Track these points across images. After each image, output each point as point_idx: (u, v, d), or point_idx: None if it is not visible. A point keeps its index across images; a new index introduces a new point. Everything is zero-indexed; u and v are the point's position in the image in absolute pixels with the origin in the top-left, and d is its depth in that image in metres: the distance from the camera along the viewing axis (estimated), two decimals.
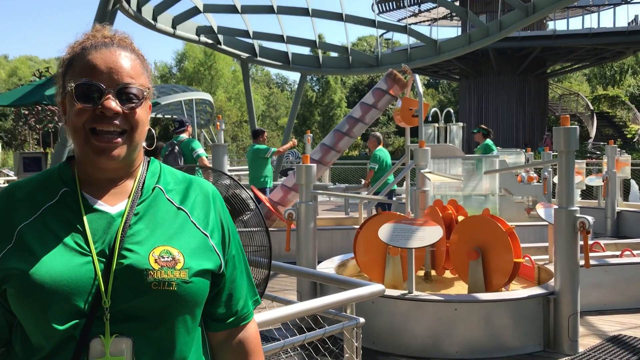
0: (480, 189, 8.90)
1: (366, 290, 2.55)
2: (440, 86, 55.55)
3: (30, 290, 1.15)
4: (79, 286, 1.15)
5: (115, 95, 1.22)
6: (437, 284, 5.95)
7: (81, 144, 1.23)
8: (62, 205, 1.24)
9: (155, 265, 1.18)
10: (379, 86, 8.09)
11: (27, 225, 1.22)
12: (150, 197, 1.29)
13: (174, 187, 1.34)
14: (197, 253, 1.26)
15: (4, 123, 39.45)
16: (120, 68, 1.24)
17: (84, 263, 1.18)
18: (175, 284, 1.19)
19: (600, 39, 24.86)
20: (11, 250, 1.19)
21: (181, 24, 11.70)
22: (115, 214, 1.24)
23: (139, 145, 1.29)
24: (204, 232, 1.30)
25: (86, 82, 1.21)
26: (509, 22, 11.58)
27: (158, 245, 1.22)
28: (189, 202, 1.33)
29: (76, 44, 1.29)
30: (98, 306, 1.16)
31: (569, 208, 4.52)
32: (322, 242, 8.06)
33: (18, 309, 1.19)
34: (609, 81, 45.53)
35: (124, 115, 1.23)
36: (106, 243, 1.20)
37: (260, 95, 55.04)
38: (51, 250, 1.18)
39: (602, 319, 5.53)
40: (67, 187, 1.26)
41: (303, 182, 5.39)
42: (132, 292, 1.17)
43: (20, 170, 8.89)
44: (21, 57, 61.03)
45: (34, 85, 9.71)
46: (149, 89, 1.30)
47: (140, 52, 1.33)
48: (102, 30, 1.31)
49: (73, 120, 1.22)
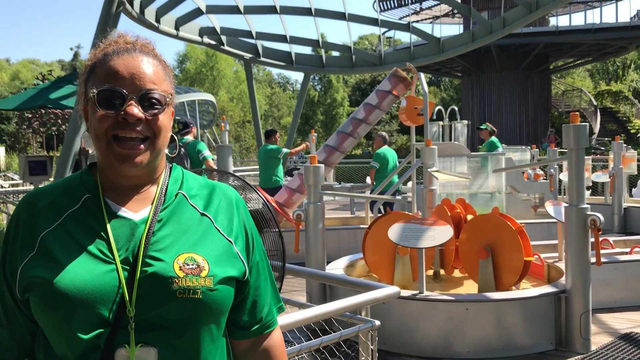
0: (486, 187, 8.87)
1: (381, 292, 2.54)
2: (442, 84, 55.45)
3: (54, 299, 1.13)
4: (103, 295, 1.14)
5: (137, 101, 1.21)
6: (447, 284, 5.93)
7: (103, 151, 1.21)
8: (85, 211, 1.23)
9: (180, 272, 1.17)
10: (382, 87, 8.06)
11: (50, 233, 1.20)
12: (174, 203, 1.28)
13: (197, 192, 1.33)
14: (221, 260, 1.24)
15: (7, 126, 39.53)
16: (142, 74, 1.22)
17: (108, 271, 1.16)
18: (200, 291, 1.17)
19: (602, 35, 24.77)
20: (34, 258, 1.18)
21: (184, 25, 11.69)
22: (138, 221, 1.23)
23: (161, 152, 1.27)
24: (228, 239, 1.28)
25: (108, 88, 1.20)
26: (513, 19, 11.55)
27: (182, 252, 1.20)
28: (213, 207, 1.31)
29: (98, 50, 1.28)
30: (122, 315, 1.14)
31: (579, 206, 4.50)
32: (329, 242, 8.02)
33: (41, 318, 1.18)
34: (611, 76, 45.38)
35: (147, 122, 1.22)
36: (130, 250, 1.19)
37: (263, 95, 55.02)
38: (75, 258, 1.16)
39: (614, 316, 5.51)
40: (89, 193, 1.25)
41: (311, 183, 5.37)
42: (156, 300, 1.16)
43: (25, 174, 8.88)
44: (23, 61, 61.13)
45: (38, 89, 9.72)
46: (172, 94, 1.28)
47: (162, 58, 1.31)
48: (124, 36, 1.30)
49: (95, 126, 1.21)
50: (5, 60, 61.68)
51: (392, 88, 7.87)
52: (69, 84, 9.52)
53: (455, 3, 14.94)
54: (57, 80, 9.99)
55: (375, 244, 5.65)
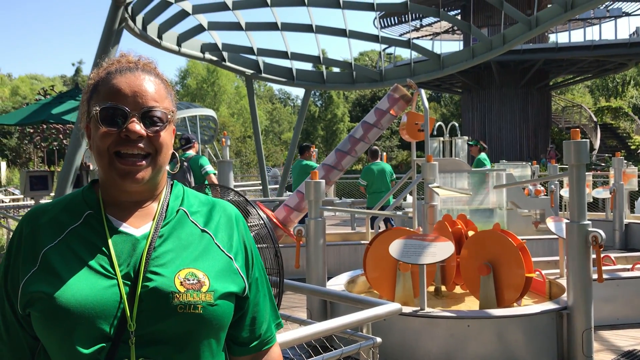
0: (487, 203, 8.86)
1: (383, 309, 2.53)
2: (442, 100, 55.63)
3: (55, 314, 1.14)
4: (104, 310, 1.15)
5: (139, 118, 1.23)
6: (448, 300, 5.90)
7: (105, 167, 1.23)
8: (87, 227, 1.24)
9: (181, 287, 1.18)
10: (380, 105, 8.08)
11: (52, 248, 1.21)
12: (175, 219, 1.29)
13: (197, 209, 1.34)
14: (222, 275, 1.25)
15: (9, 141, 39.63)
16: (144, 92, 1.25)
17: (109, 286, 1.17)
18: (201, 306, 1.18)
19: (602, 51, 24.91)
20: (36, 274, 1.19)
21: (186, 41, 11.76)
22: (140, 236, 1.24)
23: (162, 168, 1.29)
24: (228, 255, 1.30)
25: (111, 105, 1.22)
26: (512, 36, 11.62)
27: (183, 268, 1.21)
28: (213, 224, 1.33)
29: (101, 69, 1.30)
30: (123, 329, 1.15)
31: (580, 222, 4.49)
32: (329, 258, 8.01)
33: (43, 333, 1.18)
34: (611, 93, 45.53)
35: (148, 139, 1.24)
36: (131, 266, 1.20)
37: (264, 110, 55.20)
38: (76, 273, 1.17)
39: (616, 333, 5.48)
40: (91, 209, 1.26)
41: (312, 198, 5.37)
42: (157, 315, 1.16)
43: (27, 189, 8.89)
44: (22, 77, 61.34)
45: (40, 104, 9.75)
46: (173, 112, 1.30)
47: (164, 76, 1.34)
48: (126, 55, 1.32)
49: (98, 143, 1.23)
50: (7, 76, 61.97)
51: (390, 107, 7.89)
52: (71, 99, 9.56)
53: (455, 20, 15.05)
54: (59, 96, 10.03)
55: (376, 260, 5.64)
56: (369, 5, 12.41)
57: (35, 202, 9.14)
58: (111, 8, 7.82)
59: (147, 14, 9.82)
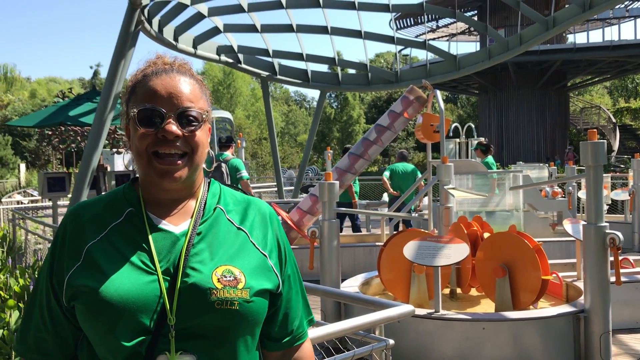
0: (504, 205, 8.79)
1: (395, 311, 2.50)
2: (459, 101, 55.35)
3: (99, 307, 1.19)
4: (145, 304, 1.20)
5: (175, 118, 1.27)
6: (464, 302, 5.86)
7: (144, 167, 1.28)
8: (128, 224, 1.29)
9: (218, 284, 1.22)
10: (394, 108, 8.05)
11: (95, 244, 1.27)
12: (212, 217, 1.34)
13: (233, 207, 1.39)
14: (257, 273, 1.30)
15: (28, 143, 40.17)
16: (180, 93, 1.29)
17: (150, 281, 1.22)
18: (237, 303, 1.22)
19: (621, 52, 24.62)
20: (80, 268, 1.25)
21: (202, 44, 11.81)
22: (179, 234, 1.29)
23: (199, 167, 1.33)
24: (262, 252, 1.34)
25: (148, 107, 1.27)
26: (529, 36, 11.50)
27: (220, 265, 1.26)
28: (248, 222, 1.37)
29: (138, 72, 1.35)
30: (163, 323, 1.20)
31: (598, 224, 4.43)
32: (344, 260, 8.00)
33: (86, 325, 1.23)
34: (630, 93, 44.99)
35: (185, 138, 1.27)
36: (170, 262, 1.25)
37: (279, 112, 55.31)
38: (119, 268, 1.23)
39: (635, 337, 5.39)
40: (132, 207, 1.32)
41: (326, 200, 5.36)
42: (196, 310, 1.21)
43: (44, 191, 8.96)
44: (40, 79, 62.06)
45: (58, 107, 9.86)
46: (208, 112, 1.34)
47: (199, 77, 1.38)
48: (162, 57, 1.37)
49: (136, 144, 1.28)
50: (26, 79, 62.75)
51: (404, 110, 7.86)
52: (88, 101, 9.66)
53: (471, 21, 14.94)
54: (77, 98, 10.13)
55: (390, 261, 5.61)
56: (384, 7, 12.37)
57: (53, 203, 9.21)
58: (127, 11, 7.88)
59: (163, 17, 9.88)
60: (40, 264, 6.81)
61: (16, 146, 41.03)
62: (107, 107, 7.72)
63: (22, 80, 57.39)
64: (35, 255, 7.70)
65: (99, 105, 7.85)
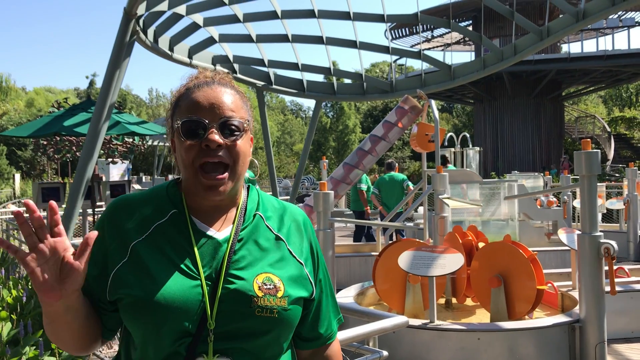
0: (499, 214, 8.80)
1: (389, 322, 2.50)
2: (454, 110, 55.52)
3: (145, 308, 1.24)
4: (188, 308, 1.24)
5: (218, 128, 1.30)
6: (459, 312, 5.84)
7: (191, 179, 1.32)
8: (172, 226, 1.33)
9: (259, 292, 1.27)
10: (388, 118, 8.07)
11: (140, 243, 1.31)
12: (252, 223, 1.39)
13: (271, 214, 1.44)
14: (295, 281, 1.35)
15: (24, 153, 40.07)
16: (221, 103, 1.33)
17: (194, 286, 1.26)
18: (277, 311, 1.28)
19: (615, 61, 24.76)
20: (127, 265, 1.29)
21: (197, 53, 11.82)
22: (221, 240, 1.34)
23: (242, 177, 1.37)
24: (299, 261, 1.40)
25: (191, 119, 1.30)
26: (524, 46, 11.56)
27: (261, 272, 1.31)
28: (285, 229, 1.42)
29: (181, 87, 1.39)
30: (203, 327, 1.24)
31: (592, 233, 4.43)
32: (340, 270, 7.99)
33: (131, 323, 1.28)
34: (625, 103, 45.22)
35: (227, 148, 1.32)
36: (213, 267, 1.29)
37: (275, 121, 55.36)
38: (165, 271, 1.27)
39: (630, 347, 5.39)
40: (175, 208, 1.36)
41: (321, 209, 5.35)
42: (236, 316, 1.26)
43: (39, 201, 8.94)
44: (37, 89, 61.94)
45: (53, 117, 9.81)
46: (249, 121, 1.39)
47: (239, 89, 1.43)
48: (204, 72, 1.42)
49: (183, 156, 1.32)
50: (22, 89, 62.64)
51: (398, 120, 7.88)
52: (83, 111, 9.61)
53: (465, 31, 15.03)
54: (71, 108, 10.09)
55: (385, 271, 5.60)
56: (379, 17, 12.42)
57: (48, 213, 9.18)
58: (122, 21, 7.87)
59: (158, 27, 9.89)
60: None
61: (11, 156, 40.92)
62: (102, 117, 7.70)
63: (17, 90, 57.28)
64: None
65: (93, 115, 7.82)
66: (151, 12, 8.81)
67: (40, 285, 1.16)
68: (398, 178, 10.14)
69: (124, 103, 49.67)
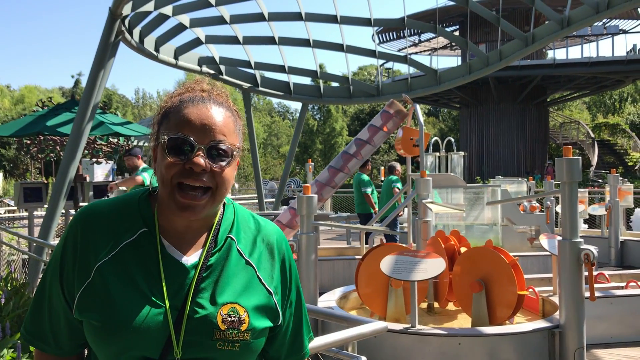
0: (482, 219, 8.84)
1: (368, 328, 2.49)
2: (440, 114, 55.78)
3: (106, 335, 1.22)
4: (151, 336, 1.21)
5: (205, 151, 1.25)
6: (441, 317, 5.86)
7: (166, 196, 1.26)
8: (140, 247, 1.29)
9: (222, 325, 1.24)
10: (374, 122, 8.08)
11: (106, 263, 1.26)
12: (223, 248, 1.33)
13: (244, 236, 1.38)
14: (261, 311, 1.31)
15: (7, 152, 39.65)
16: (213, 125, 1.26)
17: (157, 314, 1.23)
18: (238, 345, 1.25)
19: (599, 68, 25.01)
20: (90, 287, 1.26)
21: (183, 54, 11.77)
22: (189, 265, 1.29)
23: (221, 202, 1.32)
24: (268, 289, 1.35)
25: (179, 136, 1.24)
26: (509, 52, 11.65)
27: (227, 303, 1.27)
28: (256, 254, 1.37)
29: (175, 95, 1.33)
30: (167, 354, 1.22)
31: (572, 240, 4.47)
32: (323, 273, 7.98)
33: (93, 345, 1.26)
34: (609, 109, 45.69)
35: (212, 173, 1.26)
36: (179, 295, 1.25)
37: (262, 123, 55.28)
38: (129, 296, 1.23)
39: (609, 352, 5.43)
40: (146, 227, 1.30)
41: (304, 213, 5.34)
42: (199, 346, 1.24)
43: (20, 201, 8.85)
44: (29, 86, 61.33)
45: (36, 116, 9.72)
46: (239, 148, 1.32)
47: (235, 108, 1.36)
48: (201, 83, 1.35)
49: (162, 171, 1.26)
50: (6, 87, 61.98)
51: (383, 124, 7.90)
52: (67, 111, 9.53)
53: (451, 36, 15.10)
54: (55, 108, 9.99)
55: (368, 275, 5.60)
56: (366, 21, 12.45)
57: (29, 213, 9.09)
58: (107, 21, 7.82)
59: (144, 27, 9.83)
60: (14, 275, 6.69)
61: None
62: (86, 117, 7.64)
63: (2, 89, 56.70)
64: (9, 266, 7.57)
65: (77, 115, 7.76)
66: (137, 12, 8.76)
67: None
68: (390, 180, 10.23)
69: (109, 103, 49.32)
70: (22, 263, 8.09)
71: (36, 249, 7.09)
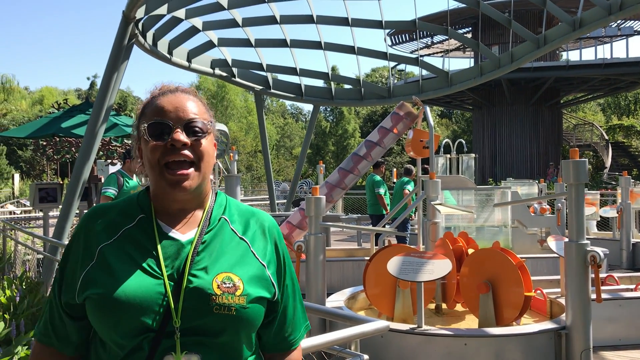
0: (492, 221, 8.85)
1: (370, 327, 2.55)
2: (454, 116, 55.59)
3: (106, 305, 1.30)
4: (150, 304, 1.30)
5: (182, 129, 1.39)
6: (448, 318, 5.90)
7: (157, 178, 1.39)
8: (139, 230, 1.40)
9: (217, 290, 1.32)
10: (384, 124, 8.13)
11: (108, 246, 1.38)
12: (217, 226, 1.44)
13: (237, 218, 1.49)
14: (255, 281, 1.40)
15: (24, 153, 40.10)
16: (185, 107, 1.42)
17: (156, 284, 1.32)
18: (234, 309, 1.32)
19: (613, 70, 24.79)
20: (94, 267, 1.36)
21: (196, 57, 11.89)
22: (185, 242, 1.39)
23: (207, 176, 1.43)
24: (262, 263, 1.44)
25: (157, 121, 1.39)
26: (521, 54, 11.64)
27: (221, 272, 1.36)
28: (250, 233, 1.48)
29: (147, 98, 1.49)
30: (166, 323, 1.30)
31: (579, 241, 4.49)
32: (333, 274, 8.04)
33: (94, 320, 1.34)
34: (623, 111, 45.29)
35: (192, 147, 1.39)
36: (175, 268, 1.35)
37: (275, 125, 55.41)
38: (128, 270, 1.33)
39: (617, 354, 5.43)
40: (143, 213, 1.43)
41: (312, 214, 5.40)
42: (197, 313, 1.31)
43: (35, 201, 8.98)
44: (50, 87, 62.15)
45: (51, 118, 9.86)
46: (211, 122, 1.47)
47: (201, 97, 1.51)
48: (167, 85, 1.50)
49: (149, 156, 1.39)
50: (25, 88, 62.66)
51: (393, 126, 7.94)
52: (81, 113, 9.66)
53: (463, 38, 15.10)
54: (69, 110, 10.13)
55: (376, 276, 5.65)
56: (377, 23, 12.51)
57: (44, 214, 9.22)
58: (121, 24, 7.94)
59: (157, 30, 9.95)
60: (29, 274, 6.81)
61: (11, 156, 40.96)
62: (100, 119, 7.75)
63: (20, 91, 57.36)
64: (24, 266, 7.70)
65: (91, 117, 7.88)
66: (150, 16, 8.88)
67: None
68: (402, 182, 10.29)
69: (124, 105, 49.72)
70: (37, 262, 8.22)
71: (50, 248, 7.21)
